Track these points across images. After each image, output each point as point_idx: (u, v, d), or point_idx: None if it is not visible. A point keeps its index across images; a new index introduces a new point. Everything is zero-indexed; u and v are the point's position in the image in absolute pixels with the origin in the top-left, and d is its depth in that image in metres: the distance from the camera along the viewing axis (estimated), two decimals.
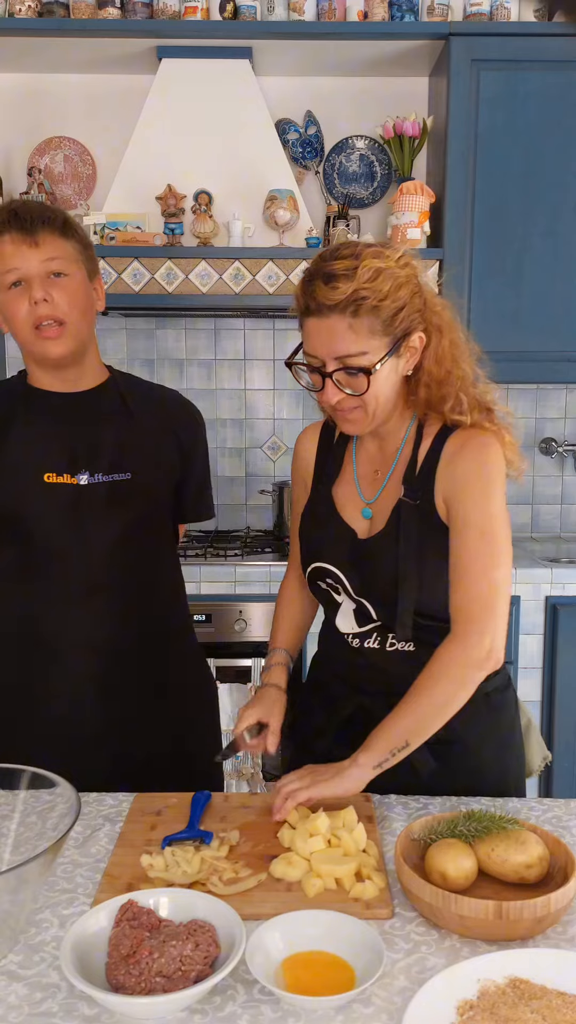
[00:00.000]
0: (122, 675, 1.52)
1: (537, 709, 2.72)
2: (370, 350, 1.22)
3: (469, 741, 1.38)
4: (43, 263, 1.42)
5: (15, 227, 1.42)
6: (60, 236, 1.44)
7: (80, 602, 1.49)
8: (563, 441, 3.24)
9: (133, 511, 1.51)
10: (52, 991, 0.93)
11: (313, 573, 1.41)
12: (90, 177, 3.12)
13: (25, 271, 1.42)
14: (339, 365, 1.24)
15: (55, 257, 1.43)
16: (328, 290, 1.20)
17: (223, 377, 3.22)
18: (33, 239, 1.41)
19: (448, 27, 2.74)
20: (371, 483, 1.40)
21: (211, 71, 2.85)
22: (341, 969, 0.94)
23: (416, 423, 1.36)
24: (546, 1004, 0.88)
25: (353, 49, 2.86)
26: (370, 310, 1.20)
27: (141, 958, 0.89)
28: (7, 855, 1.10)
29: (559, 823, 1.27)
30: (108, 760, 1.48)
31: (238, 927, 0.94)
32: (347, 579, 1.36)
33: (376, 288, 1.20)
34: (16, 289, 1.43)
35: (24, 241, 1.41)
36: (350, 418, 1.30)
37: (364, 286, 1.19)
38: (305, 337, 1.27)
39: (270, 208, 2.80)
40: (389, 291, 1.21)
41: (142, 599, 1.55)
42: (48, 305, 1.42)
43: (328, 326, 1.22)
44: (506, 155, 2.78)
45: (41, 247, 1.42)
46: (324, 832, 1.16)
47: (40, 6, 2.77)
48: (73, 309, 1.45)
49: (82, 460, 1.50)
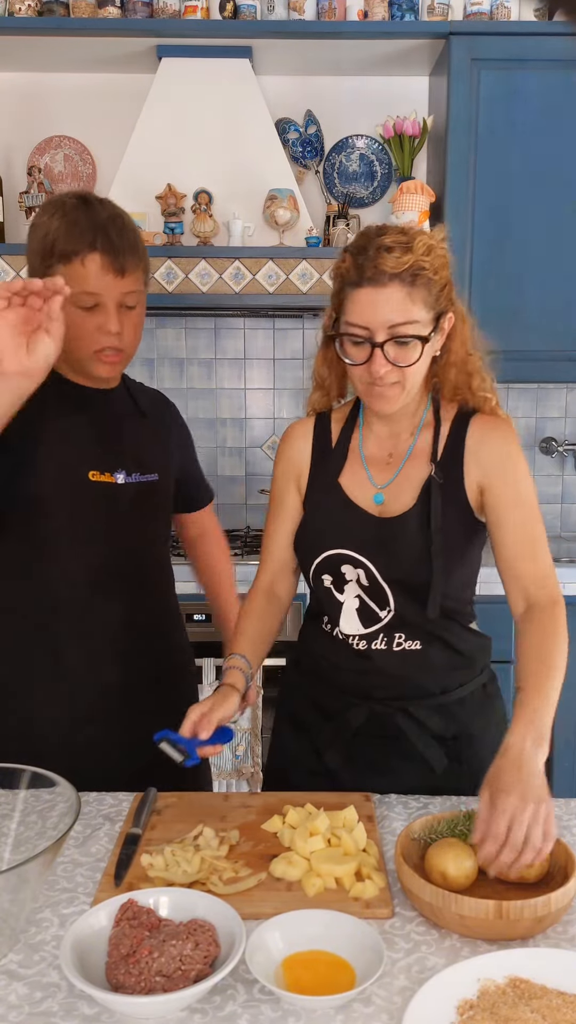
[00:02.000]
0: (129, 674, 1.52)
1: None
2: (420, 320, 1.25)
3: (475, 734, 1.40)
4: (123, 295, 1.41)
5: (107, 252, 1.37)
6: (140, 268, 1.43)
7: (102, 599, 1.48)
8: (563, 441, 3.24)
9: (160, 510, 1.55)
10: (52, 990, 0.93)
11: (323, 564, 1.37)
12: (90, 176, 3.12)
13: (104, 299, 1.39)
14: (390, 335, 1.24)
15: (134, 291, 1.42)
16: (390, 259, 1.22)
17: (223, 377, 3.22)
18: (121, 268, 1.39)
19: (448, 26, 2.74)
20: (382, 468, 1.40)
21: (211, 70, 2.85)
22: (341, 969, 0.94)
23: (433, 408, 1.39)
24: (546, 1004, 0.88)
25: (353, 48, 2.86)
26: (426, 282, 1.24)
27: (141, 957, 0.89)
28: (7, 854, 1.10)
29: (559, 823, 1.27)
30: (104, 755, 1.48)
31: (238, 927, 0.94)
32: (372, 563, 1.34)
33: (431, 262, 1.25)
34: (86, 310, 1.39)
35: (112, 268, 1.38)
36: (388, 394, 1.30)
37: (422, 258, 1.24)
38: (354, 307, 1.26)
39: (270, 207, 2.80)
40: (440, 267, 1.27)
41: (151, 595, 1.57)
42: (118, 338, 1.42)
43: (386, 295, 1.23)
44: (506, 155, 2.78)
45: (126, 278, 1.40)
46: (324, 832, 1.16)
47: (40, 5, 2.77)
48: (135, 339, 1.46)
49: (118, 458, 1.50)
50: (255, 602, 1.47)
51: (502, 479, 1.33)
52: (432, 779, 1.36)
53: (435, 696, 1.38)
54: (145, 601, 1.55)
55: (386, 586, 1.34)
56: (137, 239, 1.44)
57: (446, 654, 1.38)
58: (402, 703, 1.37)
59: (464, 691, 1.41)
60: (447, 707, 1.39)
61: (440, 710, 1.38)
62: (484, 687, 1.44)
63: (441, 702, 1.39)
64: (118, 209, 1.45)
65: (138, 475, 1.51)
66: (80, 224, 1.38)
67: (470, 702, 1.41)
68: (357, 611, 1.37)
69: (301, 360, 3.23)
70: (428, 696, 1.38)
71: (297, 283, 2.77)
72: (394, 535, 1.34)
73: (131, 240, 1.42)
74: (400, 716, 1.37)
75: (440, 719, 1.38)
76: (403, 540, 1.33)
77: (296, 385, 3.24)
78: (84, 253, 1.37)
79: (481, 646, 1.45)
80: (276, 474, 1.48)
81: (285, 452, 1.47)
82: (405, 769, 1.37)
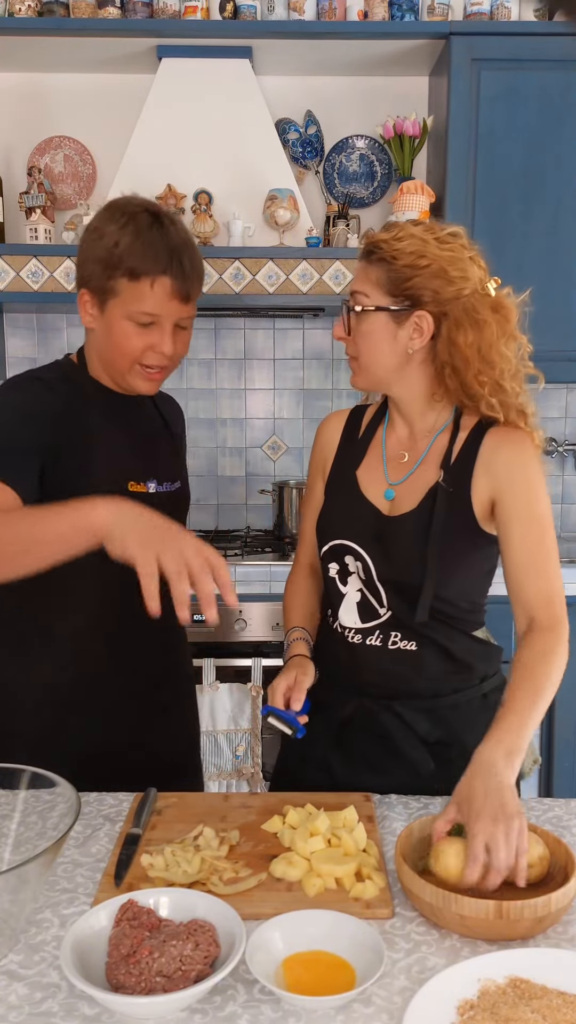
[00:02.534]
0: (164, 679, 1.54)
1: None
2: (370, 296, 1.32)
3: (468, 742, 1.39)
4: (182, 319, 1.41)
5: (178, 277, 1.36)
6: (199, 293, 1.43)
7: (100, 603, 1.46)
8: (563, 441, 3.24)
9: (183, 521, 1.54)
10: (52, 991, 0.93)
11: (329, 553, 1.41)
12: (90, 176, 3.12)
13: (164, 321, 1.39)
14: (350, 301, 1.34)
15: (191, 316, 1.43)
16: (368, 239, 1.35)
17: (223, 377, 3.22)
18: (188, 295, 1.39)
19: (448, 26, 2.74)
20: (397, 466, 1.42)
21: (211, 70, 2.85)
22: (341, 969, 0.94)
23: (454, 415, 1.40)
24: (546, 1004, 0.88)
25: (353, 49, 2.86)
26: (379, 261, 1.31)
27: (141, 958, 0.89)
28: (7, 855, 1.10)
29: (559, 823, 1.27)
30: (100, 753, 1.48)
31: (238, 927, 0.94)
32: (370, 557, 1.36)
33: (396, 247, 1.29)
34: (141, 327, 1.38)
35: (179, 294, 1.37)
36: (351, 367, 1.40)
37: (387, 242, 1.30)
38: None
39: (270, 208, 2.80)
40: (406, 254, 1.29)
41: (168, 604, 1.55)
42: (166, 357, 1.41)
43: (358, 266, 1.36)
44: (506, 155, 2.78)
45: (189, 304, 1.40)
46: (324, 832, 1.16)
47: (40, 5, 2.77)
48: (180, 359, 1.46)
49: (148, 468, 1.50)
50: (299, 579, 1.55)
51: (511, 493, 1.33)
52: (421, 782, 1.36)
53: (425, 699, 1.38)
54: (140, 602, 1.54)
55: (380, 585, 1.36)
56: (202, 265, 1.44)
57: (440, 658, 1.37)
58: (390, 702, 1.37)
59: (459, 697, 1.40)
60: (437, 711, 1.38)
61: (429, 713, 1.38)
62: (484, 696, 1.43)
63: (431, 706, 1.38)
64: (189, 234, 1.43)
65: (168, 484, 1.52)
66: (156, 246, 1.35)
67: (465, 709, 1.40)
68: (358, 604, 1.38)
69: (301, 360, 3.23)
70: (417, 698, 1.38)
71: (297, 283, 2.77)
72: (392, 533, 1.36)
73: (199, 268, 1.42)
74: (387, 715, 1.37)
75: (428, 722, 1.38)
76: (399, 540, 1.35)
77: (296, 385, 3.24)
78: (155, 276, 1.35)
79: (485, 655, 1.44)
80: (310, 461, 1.56)
81: (317, 441, 1.54)
82: (396, 769, 1.37)
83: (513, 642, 1.52)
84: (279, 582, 2.69)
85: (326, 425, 1.53)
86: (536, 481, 1.34)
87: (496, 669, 1.46)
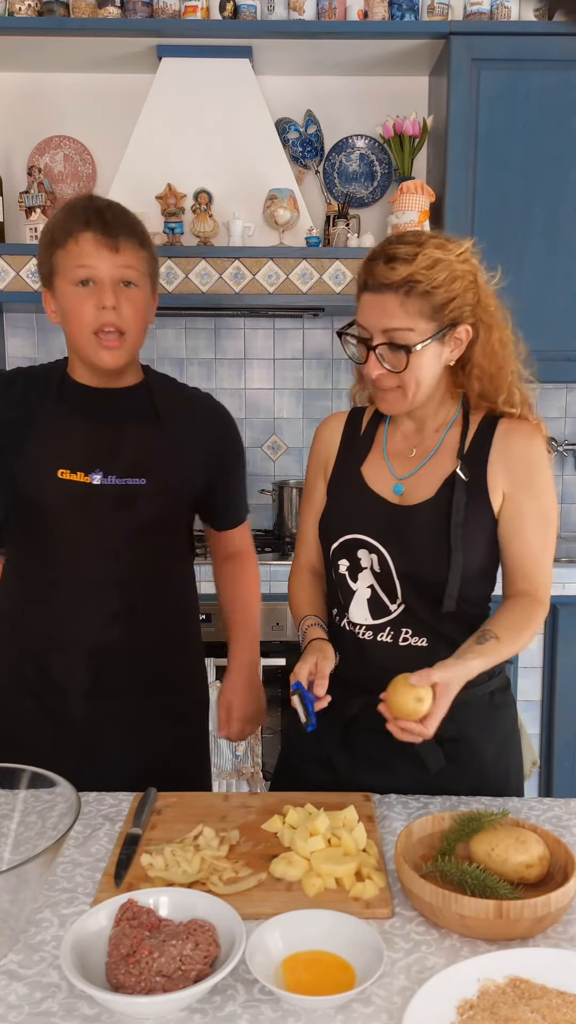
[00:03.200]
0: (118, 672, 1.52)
1: (537, 709, 2.72)
2: (416, 329, 1.29)
3: (475, 741, 1.39)
4: (118, 269, 1.41)
5: (99, 228, 1.40)
6: (139, 246, 1.44)
7: (81, 599, 1.50)
8: (563, 441, 3.24)
9: (143, 517, 1.50)
10: (52, 991, 0.93)
11: (339, 549, 1.40)
12: (90, 176, 3.12)
13: (99, 273, 1.41)
14: (384, 339, 1.29)
15: (131, 266, 1.42)
16: (387, 270, 1.27)
17: (223, 376, 3.22)
18: (115, 243, 1.40)
19: (448, 26, 2.74)
20: (404, 461, 1.42)
21: (211, 70, 2.85)
22: (341, 969, 0.94)
23: (463, 411, 1.41)
24: (546, 1003, 0.88)
25: (353, 48, 2.86)
26: (422, 294, 1.27)
27: (141, 957, 0.89)
28: (7, 855, 1.10)
29: (559, 823, 1.27)
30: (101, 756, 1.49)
31: (238, 927, 0.94)
32: (386, 550, 1.36)
33: (431, 276, 1.27)
34: (84, 288, 1.41)
35: (105, 244, 1.40)
36: (388, 397, 1.35)
37: (420, 272, 1.26)
38: (359, 310, 1.33)
39: (270, 207, 2.80)
40: (443, 281, 1.28)
41: (144, 600, 1.54)
42: (115, 314, 1.42)
43: (381, 301, 1.29)
44: (506, 154, 2.78)
45: (120, 253, 1.41)
46: (324, 832, 1.16)
47: (40, 5, 2.77)
48: (136, 321, 1.45)
49: (99, 459, 1.49)
50: (302, 576, 1.54)
51: (528, 483, 1.36)
52: (428, 779, 1.36)
53: None
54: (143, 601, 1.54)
55: (397, 579, 1.36)
56: (135, 222, 1.46)
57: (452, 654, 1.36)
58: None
59: (469, 695, 1.38)
60: (450, 708, 1.38)
61: None
62: (491, 695, 1.43)
63: None
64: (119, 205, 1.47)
65: (116, 478, 1.48)
66: (76, 210, 1.43)
67: (474, 707, 1.40)
68: (368, 601, 1.38)
69: (301, 360, 3.23)
70: None
71: (297, 283, 2.77)
72: (409, 523, 1.36)
73: (127, 221, 1.44)
74: None
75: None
76: (418, 529, 1.36)
77: (296, 385, 3.24)
78: (78, 233, 1.40)
79: None
80: (308, 464, 1.55)
81: (316, 443, 1.53)
82: (402, 767, 1.37)
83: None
84: (279, 582, 2.69)
85: (326, 426, 1.53)
86: (548, 474, 1.39)
87: (501, 669, 1.46)
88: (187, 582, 1.66)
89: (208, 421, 1.62)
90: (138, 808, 1.27)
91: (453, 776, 1.37)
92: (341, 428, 1.51)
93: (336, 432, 1.51)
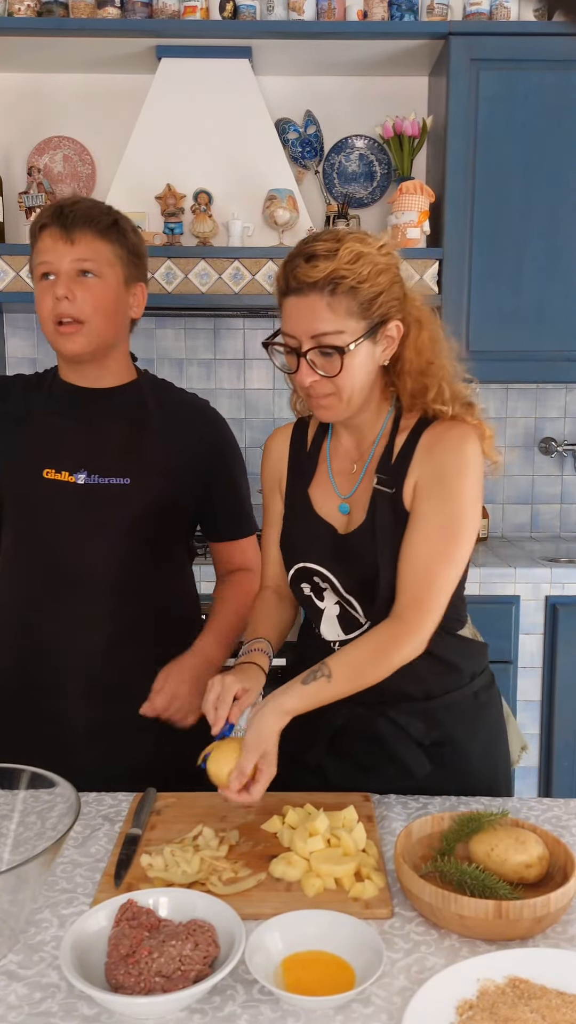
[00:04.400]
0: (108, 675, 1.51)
1: (537, 709, 2.72)
2: (346, 330, 1.23)
3: (460, 743, 1.39)
4: (74, 261, 1.45)
5: (56, 223, 1.45)
6: (99, 237, 1.46)
7: (69, 600, 1.50)
8: (563, 441, 3.24)
9: (128, 517, 1.50)
10: (52, 991, 0.93)
11: (296, 575, 1.40)
12: (89, 177, 3.12)
13: (55, 267, 1.45)
14: (314, 344, 1.24)
15: (88, 258, 1.45)
16: (308, 268, 1.21)
17: (223, 377, 3.22)
18: (70, 237, 1.44)
19: (448, 26, 2.74)
20: (347, 478, 1.39)
21: (211, 71, 2.85)
22: (341, 969, 0.94)
23: (394, 416, 1.36)
24: (546, 1004, 0.88)
25: (353, 49, 2.86)
26: (348, 291, 1.21)
27: (140, 958, 0.89)
28: (7, 855, 1.10)
29: (559, 823, 1.27)
30: (98, 758, 1.48)
31: (238, 927, 0.94)
32: (335, 577, 1.35)
33: (355, 270, 1.21)
34: (46, 282, 1.47)
35: (61, 238, 1.44)
36: (324, 404, 1.29)
37: (344, 267, 1.21)
38: (284, 317, 1.27)
39: (269, 208, 2.80)
40: (368, 275, 1.22)
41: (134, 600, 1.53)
42: (69, 303, 1.45)
43: (307, 304, 1.22)
44: (506, 154, 2.78)
45: (76, 246, 1.45)
46: (324, 832, 1.16)
47: (39, 5, 2.77)
48: (96, 310, 1.46)
49: (84, 459, 1.50)
50: (266, 597, 1.50)
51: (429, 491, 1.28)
52: (416, 783, 1.36)
53: (418, 701, 1.37)
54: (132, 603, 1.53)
55: (351, 597, 1.35)
56: (100, 216, 1.48)
57: (428, 661, 1.33)
58: (383, 707, 1.36)
59: (451, 698, 1.39)
60: (431, 712, 1.38)
61: (423, 716, 1.37)
62: (475, 695, 1.42)
63: (424, 707, 1.38)
64: (87, 199, 1.52)
65: (100, 477, 1.49)
66: (43, 210, 1.50)
67: (457, 709, 1.39)
68: (338, 617, 1.37)
69: None
70: (410, 701, 1.37)
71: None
72: (349, 550, 1.34)
73: (85, 211, 1.46)
74: (381, 720, 1.36)
75: (422, 725, 1.37)
76: (355, 555, 1.33)
77: None
78: (40, 231, 1.47)
79: (469, 653, 1.43)
80: (262, 482, 1.51)
81: (266, 461, 1.50)
82: (390, 771, 1.37)
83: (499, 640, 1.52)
84: None
85: (273, 442, 1.49)
86: (464, 482, 1.27)
87: (484, 666, 1.46)
88: (182, 584, 1.65)
89: (201, 427, 1.61)
90: (138, 808, 1.27)
91: (440, 779, 1.37)
92: (288, 443, 1.47)
93: (283, 448, 1.47)
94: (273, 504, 1.48)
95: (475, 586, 2.59)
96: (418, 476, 1.30)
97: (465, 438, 1.29)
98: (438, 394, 1.31)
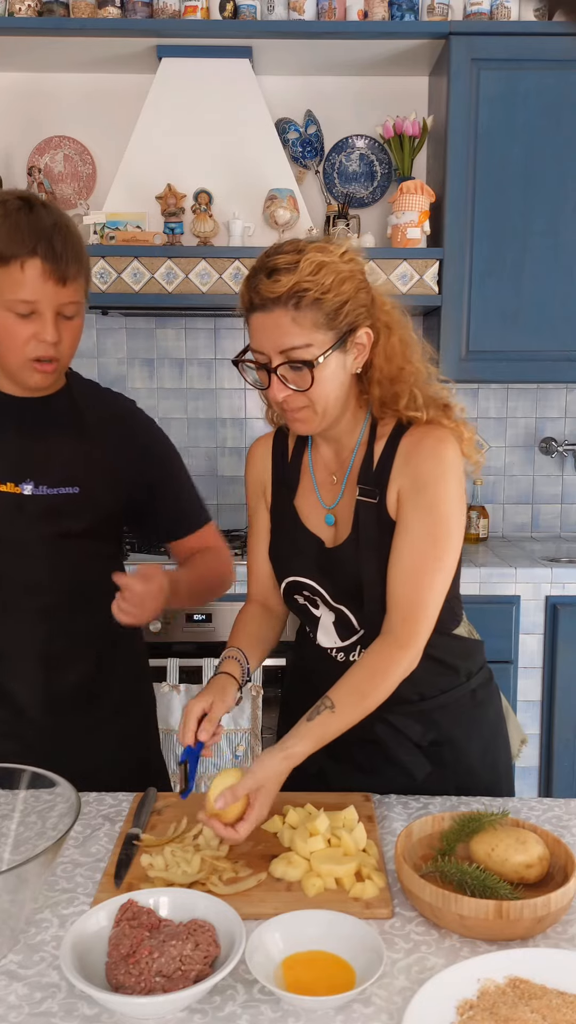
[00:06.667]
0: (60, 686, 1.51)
1: (537, 709, 2.72)
2: (314, 343, 1.21)
3: (459, 742, 1.39)
4: (62, 304, 1.36)
5: (49, 259, 1.33)
6: (82, 278, 1.39)
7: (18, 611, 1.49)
8: (563, 441, 3.24)
9: (77, 526, 1.48)
10: (52, 991, 0.93)
11: (288, 588, 1.40)
12: (90, 176, 3.12)
13: (41, 306, 1.35)
14: (284, 359, 1.22)
15: (76, 301, 1.38)
16: (271, 283, 1.19)
17: (223, 376, 3.22)
18: (63, 277, 1.34)
19: (448, 26, 2.74)
20: (330, 488, 1.38)
21: (211, 70, 2.85)
22: (341, 969, 0.94)
23: (370, 424, 1.34)
24: (546, 1004, 0.88)
25: (353, 48, 2.86)
26: (312, 303, 1.19)
27: (141, 958, 0.89)
28: (7, 855, 1.10)
29: (559, 823, 1.27)
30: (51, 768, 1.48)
31: (238, 927, 0.94)
32: (323, 589, 1.35)
33: (318, 281, 1.19)
34: (24, 319, 1.36)
35: (53, 276, 1.33)
36: (299, 417, 1.28)
37: (306, 279, 1.18)
38: (251, 334, 1.25)
39: (270, 207, 2.80)
40: (332, 284, 1.20)
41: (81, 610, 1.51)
42: (54, 347, 1.38)
43: (273, 320, 1.21)
44: (506, 154, 2.78)
45: (67, 288, 1.36)
46: (324, 832, 1.16)
47: (40, 5, 2.77)
48: (72, 349, 1.43)
49: (29, 469, 1.46)
50: (250, 609, 1.48)
51: (412, 498, 1.27)
52: (415, 784, 1.36)
53: (414, 703, 1.37)
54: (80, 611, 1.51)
55: (342, 607, 1.35)
56: (81, 248, 1.39)
57: (423, 662, 1.31)
58: (380, 711, 1.34)
59: (448, 697, 1.39)
60: (428, 714, 1.38)
61: (420, 717, 1.37)
62: (473, 693, 1.42)
63: (421, 708, 1.38)
64: (64, 216, 1.40)
65: (48, 487, 1.46)
66: (21, 228, 1.33)
67: (455, 708, 1.39)
68: (334, 624, 1.37)
69: None
70: (406, 703, 1.36)
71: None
72: (336, 563, 1.34)
73: (75, 249, 1.36)
74: (379, 724, 1.35)
75: (420, 726, 1.37)
76: (342, 567, 1.33)
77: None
78: (24, 258, 1.32)
79: (465, 652, 1.43)
80: (247, 493, 1.49)
81: (249, 472, 1.48)
82: (390, 773, 1.37)
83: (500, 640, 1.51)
84: None
85: (255, 452, 1.48)
86: (444, 488, 1.27)
87: (481, 664, 1.46)
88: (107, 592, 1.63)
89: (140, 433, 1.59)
90: (138, 808, 1.27)
91: (440, 779, 1.36)
92: (269, 453, 1.46)
93: (266, 457, 1.46)
94: (258, 515, 1.46)
95: (475, 586, 2.60)
96: (400, 484, 1.29)
97: (442, 443, 1.28)
98: (410, 400, 1.29)
